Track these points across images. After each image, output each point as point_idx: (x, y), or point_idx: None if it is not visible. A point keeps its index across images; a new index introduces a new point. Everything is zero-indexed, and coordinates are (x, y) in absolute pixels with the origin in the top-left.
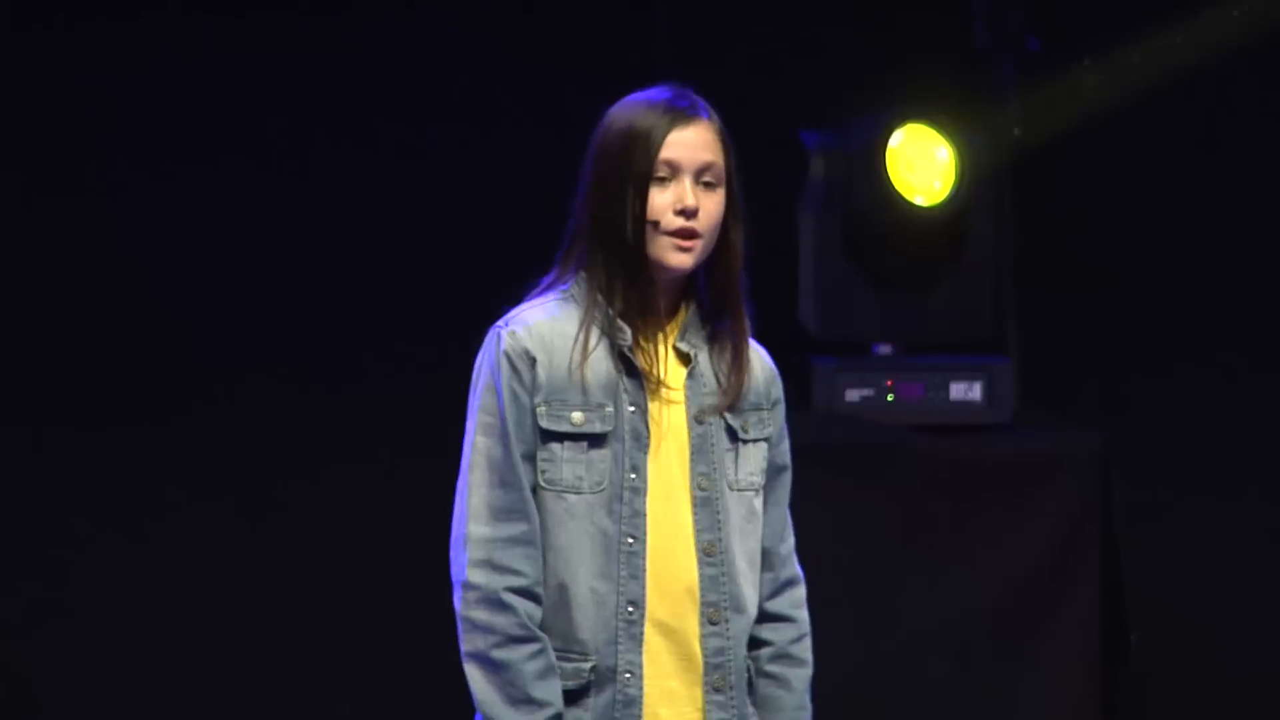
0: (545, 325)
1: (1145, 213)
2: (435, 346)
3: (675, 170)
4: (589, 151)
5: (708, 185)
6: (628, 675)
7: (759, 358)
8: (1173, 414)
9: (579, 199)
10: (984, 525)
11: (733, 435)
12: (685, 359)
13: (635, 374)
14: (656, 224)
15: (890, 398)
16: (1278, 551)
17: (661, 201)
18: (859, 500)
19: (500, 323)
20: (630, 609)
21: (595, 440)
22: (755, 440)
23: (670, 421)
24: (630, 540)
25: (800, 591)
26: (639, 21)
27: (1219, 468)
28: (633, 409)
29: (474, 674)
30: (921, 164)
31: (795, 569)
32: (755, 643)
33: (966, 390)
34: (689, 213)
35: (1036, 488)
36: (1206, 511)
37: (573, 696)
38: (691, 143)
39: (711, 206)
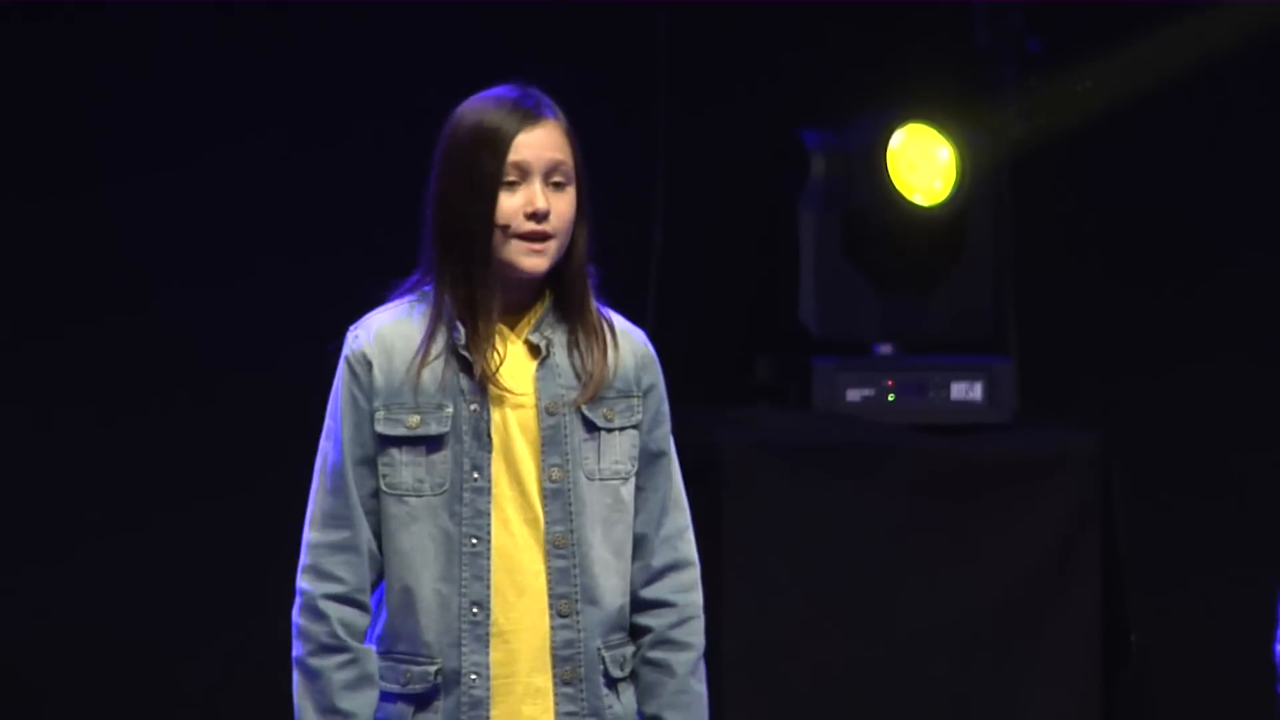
0: (389, 329)
1: (1145, 212)
2: None
3: (524, 173)
4: (435, 153)
5: (557, 185)
6: (473, 677)
7: (631, 343)
8: (1174, 413)
9: (427, 202)
10: (985, 525)
11: (590, 425)
12: (536, 351)
13: (473, 372)
14: (506, 228)
15: (891, 397)
16: (1278, 550)
17: (511, 205)
18: (860, 500)
19: (352, 326)
20: (475, 610)
21: (433, 442)
22: (621, 428)
23: (518, 417)
24: (474, 541)
25: (686, 575)
26: (641, 21)
27: (1220, 467)
28: (473, 407)
29: (295, 680)
30: (922, 164)
31: (681, 553)
32: (637, 630)
33: (967, 390)
34: (539, 215)
35: (1037, 487)
36: (1207, 510)
37: (423, 700)
38: (540, 143)
39: (562, 206)
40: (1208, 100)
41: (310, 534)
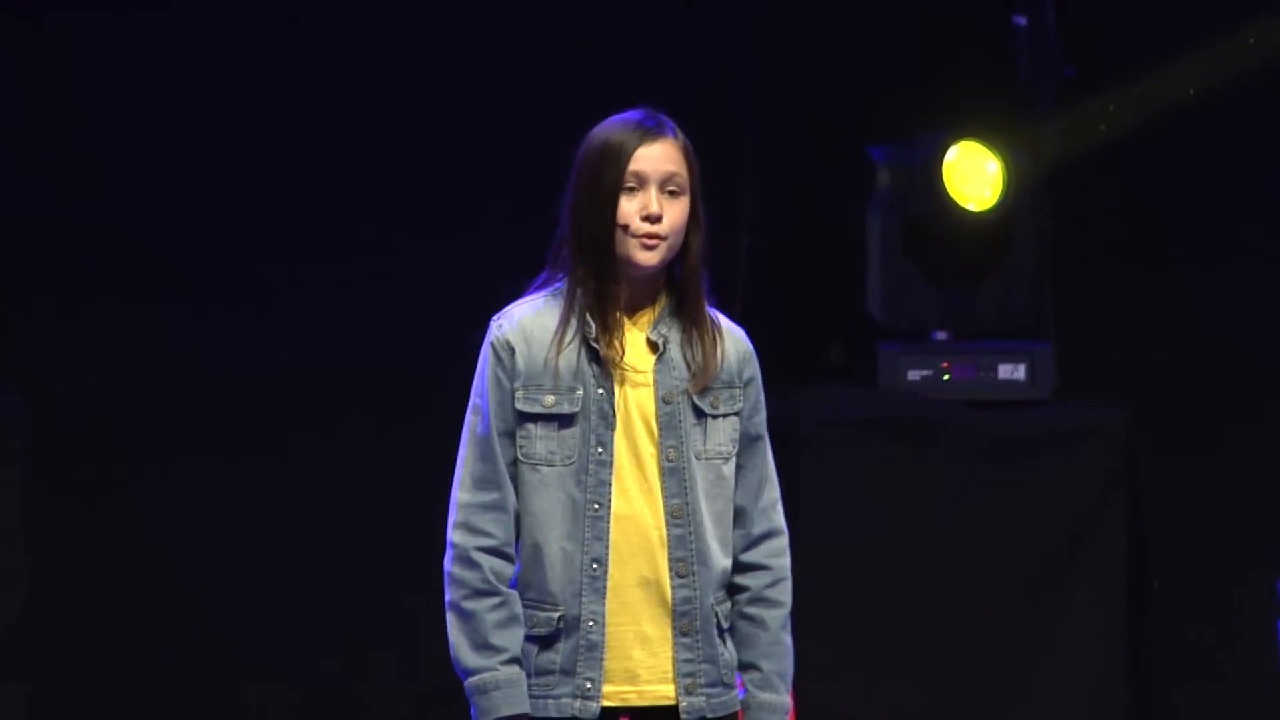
0: (529, 319)
1: (1168, 214)
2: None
3: (642, 181)
4: (573, 165)
5: (672, 194)
6: (590, 623)
7: (734, 340)
8: (1191, 390)
9: (563, 208)
10: (1026, 487)
11: (699, 412)
12: (654, 347)
13: (601, 360)
14: (626, 228)
15: (946, 378)
16: None
17: (629, 208)
18: (918, 467)
19: (495, 316)
20: (594, 566)
21: (564, 420)
22: (725, 415)
23: (638, 402)
24: (596, 506)
25: (778, 542)
26: (729, 56)
27: (1234, 437)
28: (600, 392)
29: (449, 621)
30: (973, 175)
31: (774, 523)
32: (735, 589)
33: (1012, 371)
34: (653, 218)
35: (1072, 455)
36: (1223, 475)
37: (546, 642)
38: (657, 157)
39: (676, 212)
40: (1222, 115)
41: (461, 495)
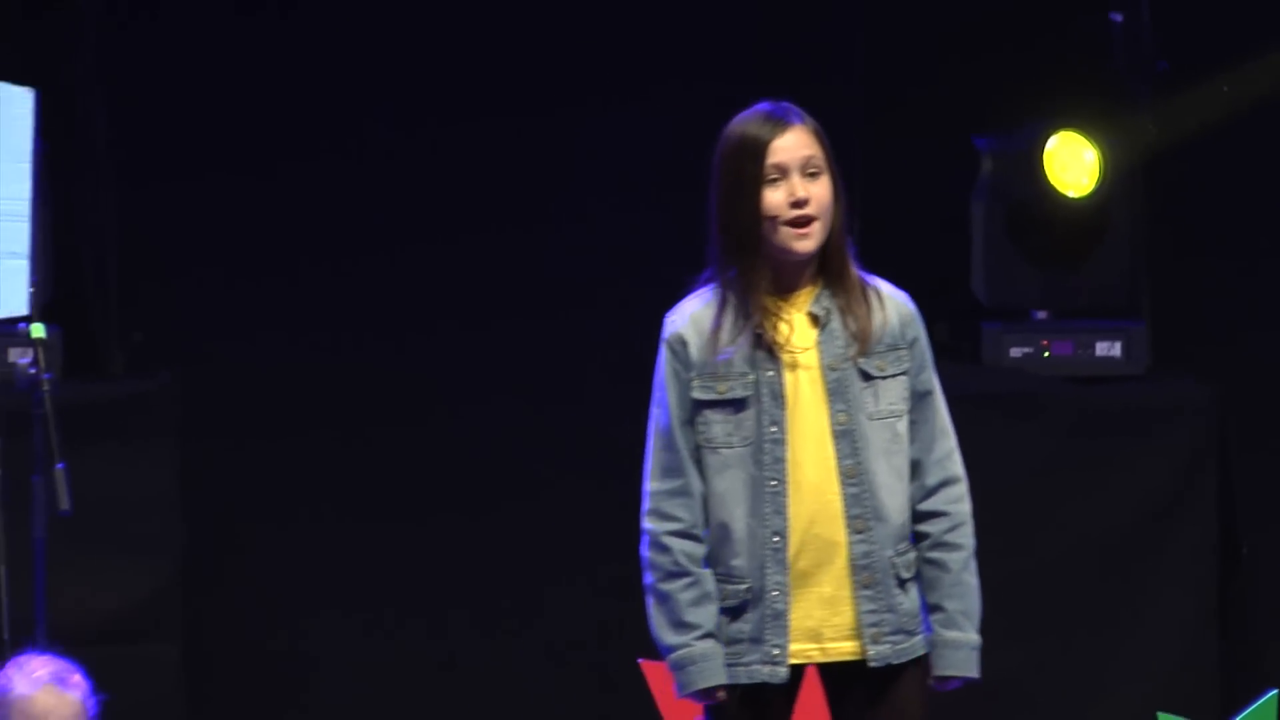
0: (700, 313)
1: (1257, 199)
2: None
3: (784, 171)
4: (712, 166)
5: (812, 175)
6: (775, 593)
7: (895, 304)
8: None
9: (710, 208)
10: (1122, 457)
11: (866, 375)
12: (816, 321)
13: (767, 344)
14: (775, 218)
15: (1046, 354)
16: None
17: (776, 200)
18: (1021, 437)
19: (668, 313)
20: (775, 539)
21: (739, 404)
22: (893, 375)
23: (807, 376)
24: (773, 483)
25: (956, 489)
26: (843, 59)
27: None
28: (770, 373)
29: (650, 602)
30: (1072, 164)
31: (950, 471)
32: (919, 536)
33: (1108, 348)
34: (801, 203)
35: (1166, 427)
36: None
37: (736, 613)
38: (791, 145)
39: (820, 191)
40: None
41: (650, 484)
